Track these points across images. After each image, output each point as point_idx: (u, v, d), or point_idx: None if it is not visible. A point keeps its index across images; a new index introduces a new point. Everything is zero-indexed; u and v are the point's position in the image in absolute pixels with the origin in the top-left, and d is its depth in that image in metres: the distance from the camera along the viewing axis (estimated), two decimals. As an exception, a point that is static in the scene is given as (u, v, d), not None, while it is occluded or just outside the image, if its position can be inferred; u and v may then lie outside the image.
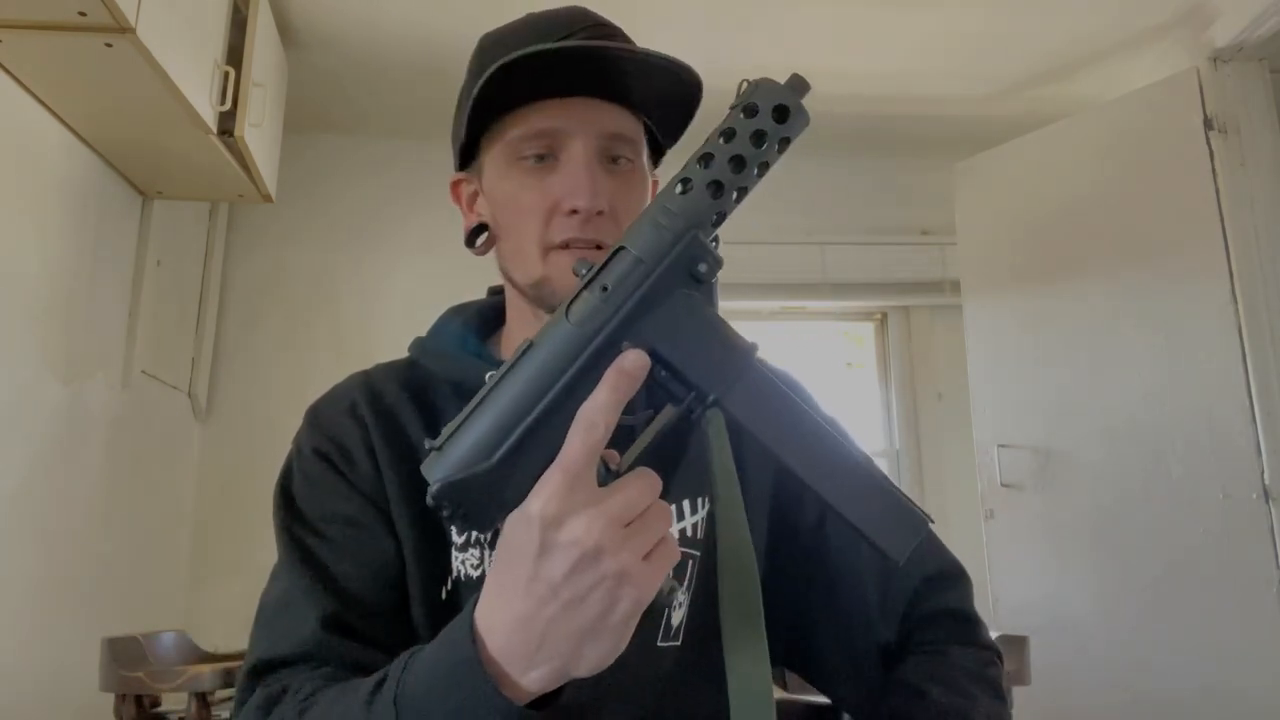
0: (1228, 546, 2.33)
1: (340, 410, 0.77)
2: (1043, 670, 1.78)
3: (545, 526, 0.48)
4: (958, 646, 0.75)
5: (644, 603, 0.49)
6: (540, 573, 0.48)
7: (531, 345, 0.53)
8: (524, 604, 0.49)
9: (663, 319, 0.53)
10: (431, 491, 0.52)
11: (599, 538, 0.47)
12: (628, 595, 0.48)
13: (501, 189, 0.75)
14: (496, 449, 0.51)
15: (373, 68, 2.79)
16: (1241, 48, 2.52)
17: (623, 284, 0.53)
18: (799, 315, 3.53)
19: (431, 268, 2.97)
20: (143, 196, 2.51)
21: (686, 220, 0.54)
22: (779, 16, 2.58)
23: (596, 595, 0.48)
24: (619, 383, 0.50)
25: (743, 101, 0.55)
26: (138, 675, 1.52)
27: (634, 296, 0.53)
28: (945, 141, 3.24)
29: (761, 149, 0.55)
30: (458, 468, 0.51)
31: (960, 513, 3.12)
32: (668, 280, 0.54)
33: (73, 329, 2.20)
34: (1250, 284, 2.40)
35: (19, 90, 1.92)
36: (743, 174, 0.55)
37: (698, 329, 0.54)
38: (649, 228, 0.54)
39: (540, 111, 0.72)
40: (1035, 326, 2.82)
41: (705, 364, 0.54)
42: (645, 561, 0.48)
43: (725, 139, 0.55)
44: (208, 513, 2.90)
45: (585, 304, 0.53)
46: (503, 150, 0.75)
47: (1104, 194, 2.69)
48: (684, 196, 0.55)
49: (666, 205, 0.55)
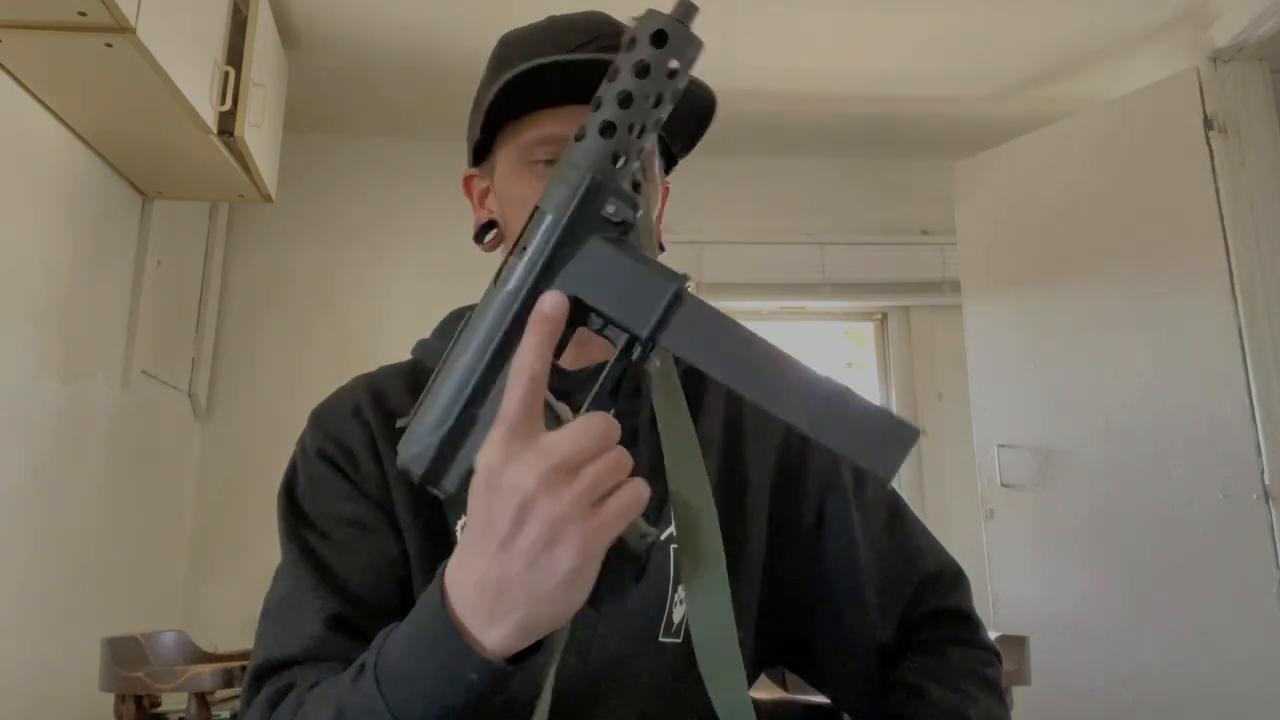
0: (1228, 546, 2.33)
1: (344, 412, 0.77)
2: (1042, 670, 1.78)
3: (488, 476, 0.48)
4: (957, 647, 0.75)
5: (591, 551, 0.47)
6: (490, 524, 0.48)
7: (470, 316, 0.55)
8: (480, 559, 0.49)
9: (579, 266, 0.53)
10: (399, 460, 0.55)
11: (534, 483, 0.46)
12: (569, 541, 0.46)
13: (513, 190, 0.76)
14: (447, 417, 0.54)
15: (373, 68, 2.79)
16: (1241, 48, 2.52)
17: (537, 242, 0.54)
18: (799, 315, 3.53)
19: (432, 267, 2.97)
20: (143, 196, 2.51)
21: (587, 167, 0.53)
22: (779, 16, 2.58)
23: (541, 542, 0.47)
24: (540, 326, 0.50)
25: (627, 34, 0.54)
26: (138, 675, 1.52)
27: (546, 249, 0.53)
28: (945, 141, 3.24)
29: (646, 80, 0.53)
30: (419, 437, 0.54)
31: (960, 513, 3.12)
32: (580, 228, 0.54)
33: (73, 329, 2.20)
34: (1250, 284, 2.40)
35: (19, 90, 1.93)
36: (632, 109, 0.53)
37: (616, 270, 0.53)
38: (555, 183, 0.54)
39: (554, 117, 0.73)
40: (1035, 326, 2.82)
41: (630, 303, 0.53)
42: (594, 507, 0.47)
43: (609, 78, 0.54)
44: (208, 513, 2.90)
45: (509, 268, 0.55)
46: (515, 152, 0.76)
47: (1104, 194, 2.69)
48: (579, 144, 0.54)
49: (566, 158, 0.54)
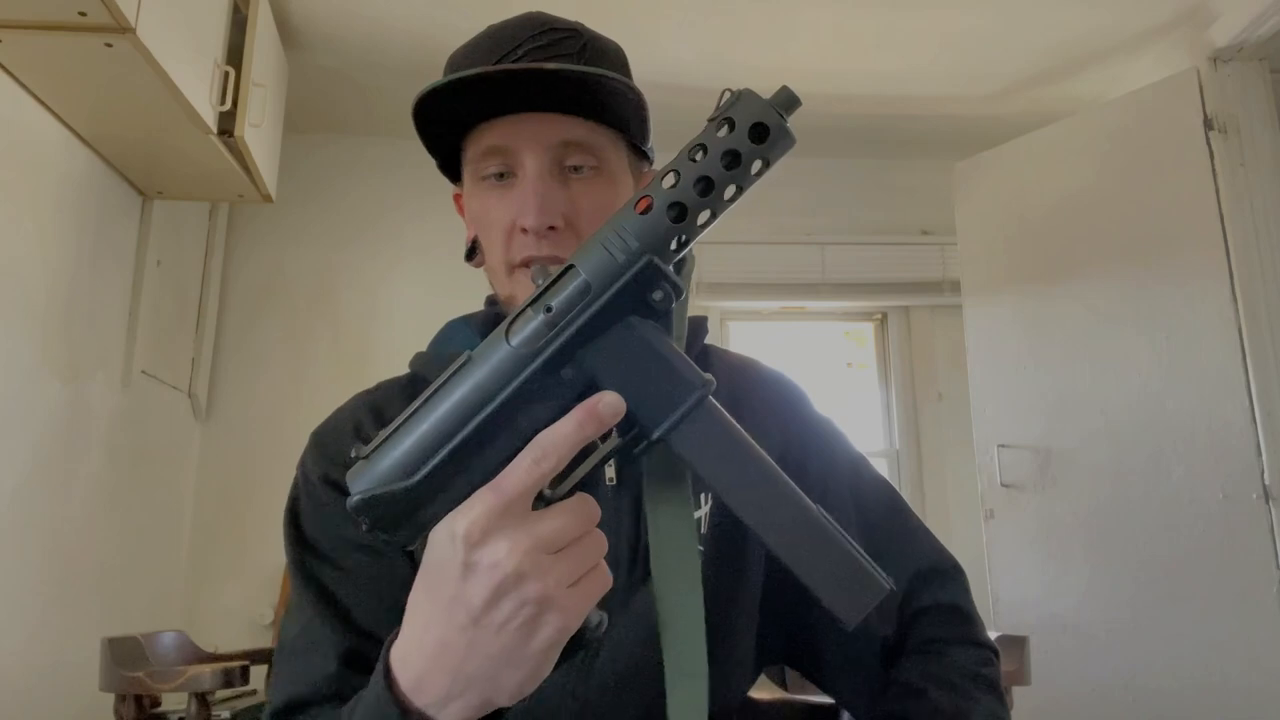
0: (1228, 546, 2.33)
1: (345, 433, 0.76)
2: (1042, 670, 1.78)
3: (470, 547, 0.46)
4: (955, 645, 0.75)
5: (568, 630, 0.47)
6: (461, 594, 0.47)
7: (469, 360, 0.51)
8: (443, 628, 0.48)
9: (607, 348, 0.50)
10: (349, 503, 0.50)
11: (521, 561, 0.46)
12: (550, 622, 0.47)
13: (471, 207, 0.77)
14: (419, 468, 0.49)
15: (373, 68, 2.79)
16: (1241, 48, 2.52)
17: (567, 307, 0.50)
18: (799, 315, 3.53)
19: (432, 267, 2.97)
20: (143, 196, 2.51)
21: (642, 243, 0.50)
22: (779, 17, 2.58)
23: (517, 621, 0.46)
24: (586, 421, 0.48)
25: (719, 114, 0.50)
26: (138, 675, 1.52)
27: (576, 322, 0.49)
28: (945, 141, 3.24)
29: (734, 171, 0.49)
30: (379, 481, 0.49)
31: (960, 513, 3.12)
32: (616, 307, 0.50)
33: (73, 329, 2.20)
34: (1250, 284, 2.40)
35: (19, 90, 1.93)
36: (710, 197, 0.50)
37: (644, 361, 0.50)
38: (599, 248, 0.50)
39: (491, 130, 0.73)
40: (1035, 326, 2.82)
41: (650, 398, 0.50)
42: (572, 589, 0.47)
43: (694, 156, 0.50)
44: (208, 513, 2.90)
45: (526, 323, 0.50)
46: (469, 168, 0.76)
47: (1104, 194, 2.69)
48: (641, 217, 0.50)
49: (621, 225, 0.50)
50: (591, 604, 0.48)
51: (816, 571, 0.50)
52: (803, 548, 0.50)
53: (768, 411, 0.80)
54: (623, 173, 0.77)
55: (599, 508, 0.49)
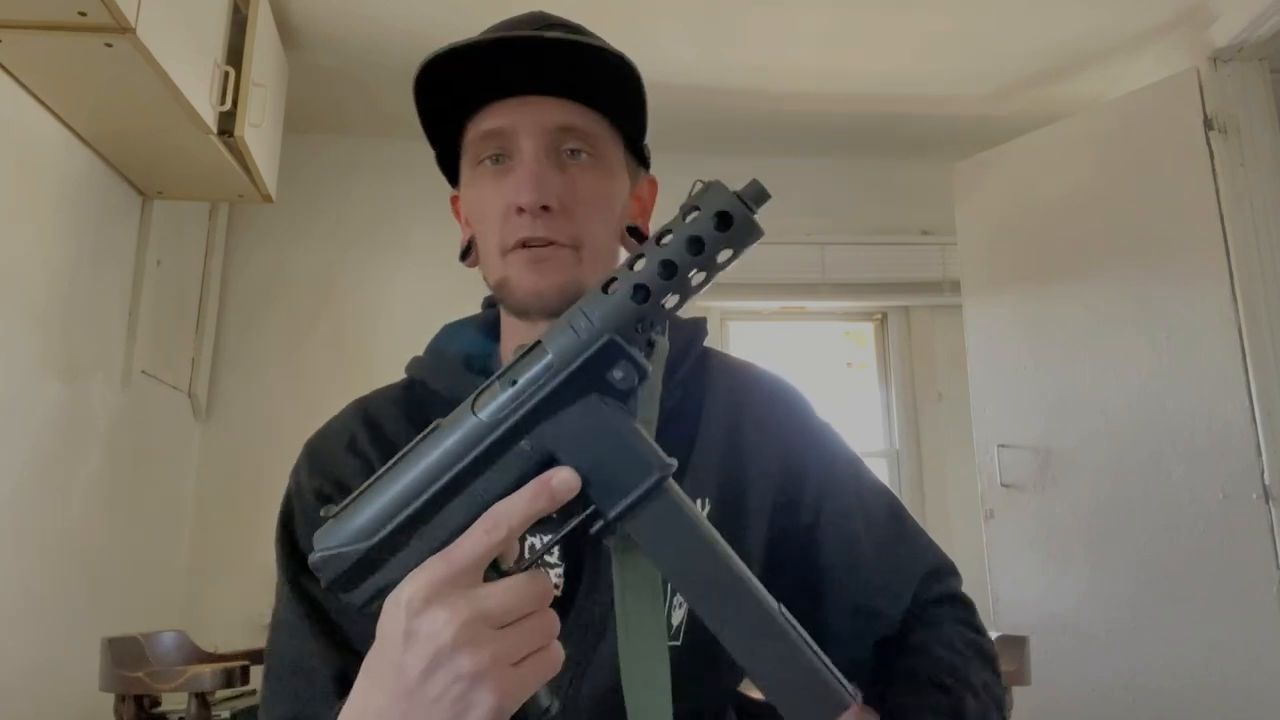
0: (1228, 546, 2.33)
1: (339, 446, 0.76)
2: (1042, 670, 1.78)
3: (411, 614, 0.46)
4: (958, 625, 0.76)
5: (503, 710, 0.46)
6: (401, 663, 0.46)
7: (437, 428, 0.52)
8: (383, 696, 0.48)
9: (566, 424, 0.50)
10: (311, 560, 0.51)
11: (457, 633, 0.45)
12: (482, 701, 0.45)
13: (468, 197, 0.77)
14: (379, 530, 0.50)
15: (373, 68, 2.79)
16: (1241, 48, 2.52)
17: (530, 381, 0.50)
18: (799, 315, 3.53)
19: (432, 267, 2.97)
20: (143, 196, 2.51)
21: (603, 324, 0.50)
22: (779, 16, 2.57)
23: (451, 695, 0.45)
24: (539, 495, 0.48)
25: (689, 203, 0.51)
26: (138, 675, 1.52)
27: (537, 396, 0.50)
28: (945, 141, 3.24)
29: (697, 257, 0.50)
30: (343, 540, 0.50)
31: (960, 513, 3.12)
32: (578, 384, 0.50)
33: (73, 329, 2.20)
34: (1250, 284, 2.40)
35: (19, 90, 1.93)
36: (673, 281, 0.50)
37: (602, 439, 0.50)
38: (566, 327, 0.51)
39: (489, 114, 0.73)
40: (1035, 326, 2.82)
41: (607, 478, 0.50)
42: (513, 668, 0.46)
43: (660, 240, 0.51)
44: (208, 513, 2.90)
45: (491, 396, 0.51)
46: (467, 158, 0.76)
47: (1104, 194, 2.69)
48: (606, 297, 0.51)
49: (588, 305, 0.51)
50: (533, 685, 0.47)
51: (777, 681, 0.49)
52: (763, 654, 0.50)
53: (768, 418, 0.80)
54: (619, 167, 0.77)
55: (551, 586, 0.48)
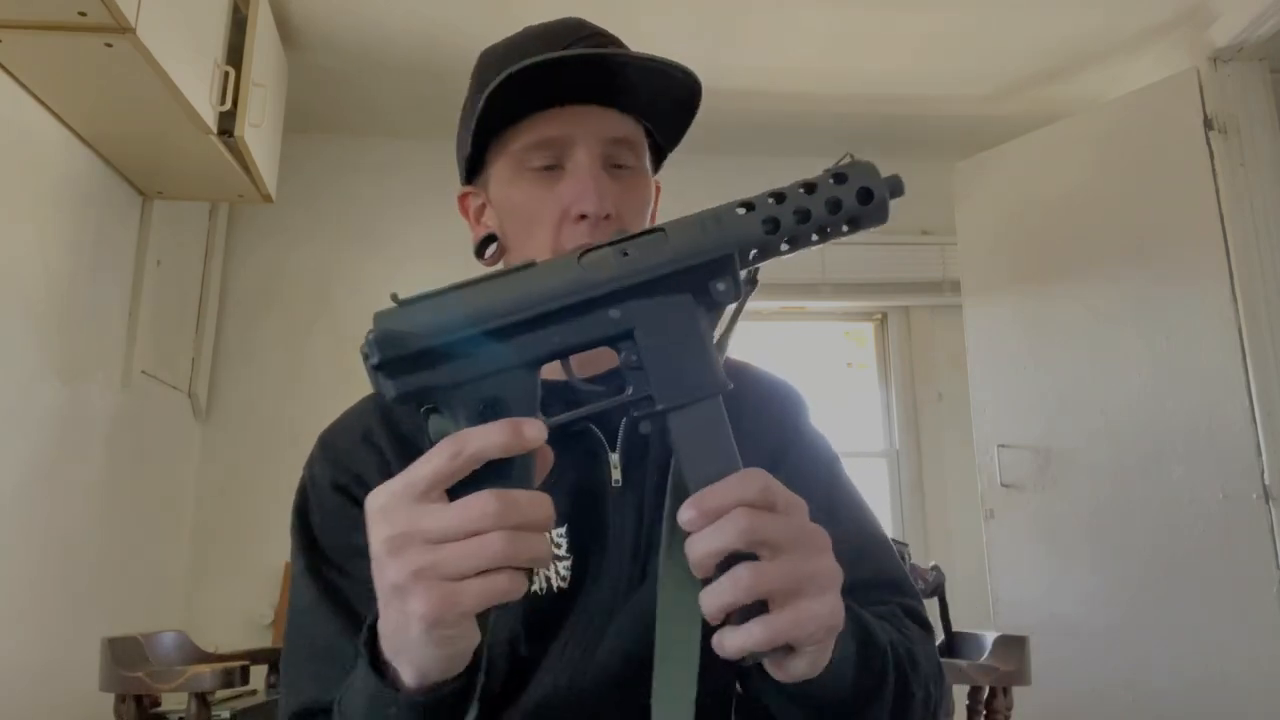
0: (1228, 546, 2.33)
1: (354, 439, 0.76)
2: (1043, 670, 1.78)
3: (370, 523, 0.48)
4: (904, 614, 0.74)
5: (434, 622, 0.46)
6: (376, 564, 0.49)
7: (534, 266, 0.52)
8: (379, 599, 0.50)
9: (657, 310, 0.52)
10: (371, 334, 0.50)
11: (384, 544, 0.47)
12: (412, 611, 0.46)
13: (510, 199, 0.76)
14: (454, 331, 0.50)
15: (373, 68, 2.79)
16: (1241, 48, 2.52)
17: (643, 257, 0.52)
18: (799, 315, 3.53)
19: (432, 268, 2.96)
20: (143, 196, 2.51)
21: (729, 237, 0.53)
22: (779, 17, 2.58)
23: (393, 602, 0.48)
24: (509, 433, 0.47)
25: (836, 168, 0.55)
26: (138, 675, 1.52)
27: (644, 275, 0.52)
28: (945, 141, 3.24)
29: (832, 216, 0.54)
30: (413, 326, 0.50)
31: (960, 513, 3.12)
32: (683, 280, 0.53)
33: (73, 329, 2.20)
34: (1250, 284, 2.40)
35: (19, 90, 1.93)
36: (803, 227, 0.54)
37: (685, 338, 0.52)
38: (695, 225, 0.54)
39: (545, 120, 0.73)
40: (1035, 326, 2.82)
41: (673, 373, 0.52)
42: (448, 583, 0.46)
43: (805, 190, 0.54)
44: (208, 513, 2.90)
45: (600, 255, 0.53)
46: (509, 161, 0.75)
47: (1104, 194, 2.69)
48: (740, 215, 0.54)
49: (721, 215, 0.54)
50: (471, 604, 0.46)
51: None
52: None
53: (763, 412, 0.80)
54: (649, 175, 0.79)
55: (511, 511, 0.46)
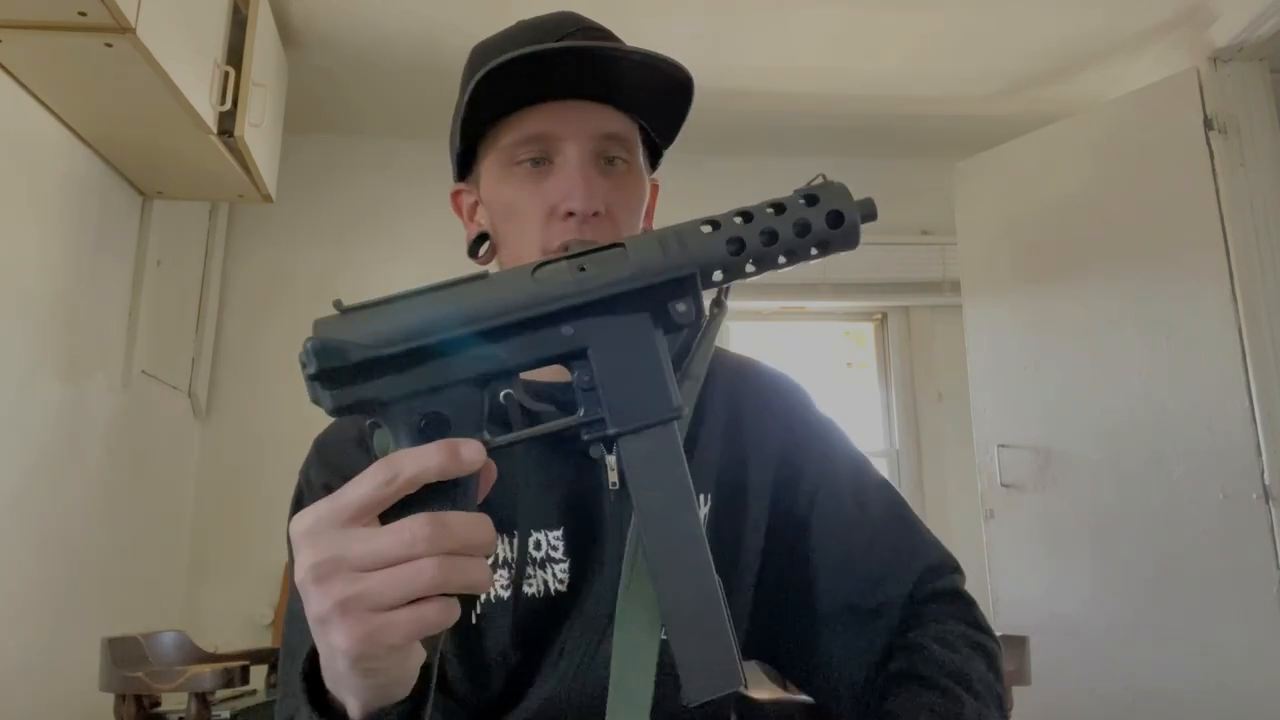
0: (1228, 546, 2.33)
1: (347, 441, 0.76)
2: (1043, 670, 1.78)
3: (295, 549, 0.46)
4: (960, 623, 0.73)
5: (358, 657, 0.44)
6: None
7: (486, 277, 0.50)
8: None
9: (613, 329, 0.50)
10: (308, 343, 0.47)
11: (307, 573, 0.44)
12: (336, 643, 0.44)
13: (499, 196, 0.75)
14: (396, 344, 0.48)
15: (373, 68, 2.79)
16: (1241, 48, 2.52)
17: (600, 274, 0.50)
18: (799, 315, 3.53)
19: (432, 268, 2.96)
20: (143, 196, 2.51)
21: (691, 256, 0.51)
22: (779, 16, 2.58)
23: (318, 631, 0.46)
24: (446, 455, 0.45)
25: (807, 189, 0.54)
26: (138, 675, 1.52)
27: (600, 292, 0.49)
28: (945, 141, 3.24)
29: (800, 239, 0.52)
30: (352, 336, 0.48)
31: (960, 513, 3.12)
32: (642, 299, 0.50)
33: (73, 329, 2.20)
34: (1250, 284, 2.40)
35: (19, 90, 1.93)
36: (770, 249, 0.52)
37: (638, 359, 0.50)
38: (656, 242, 0.51)
39: (533, 115, 0.72)
40: (1035, 326, 2.82)
41: (625, 395, 0.50)
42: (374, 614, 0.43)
43: (774, 210, 0.52)
44: (207, 513, 2.90)
45: (555, 269, 0.50)
46: (498, 156, 0.74)
47: (1104, 194, 2.69)
48: (704, 234, 0.51)
49: (684, 233, 0.51)
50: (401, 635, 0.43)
51: (688, 638, 0.49)
52: (687, 610, 0.49)
53: (768, 413, 0.80)
54: (644, 172, 0.78)
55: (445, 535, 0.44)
